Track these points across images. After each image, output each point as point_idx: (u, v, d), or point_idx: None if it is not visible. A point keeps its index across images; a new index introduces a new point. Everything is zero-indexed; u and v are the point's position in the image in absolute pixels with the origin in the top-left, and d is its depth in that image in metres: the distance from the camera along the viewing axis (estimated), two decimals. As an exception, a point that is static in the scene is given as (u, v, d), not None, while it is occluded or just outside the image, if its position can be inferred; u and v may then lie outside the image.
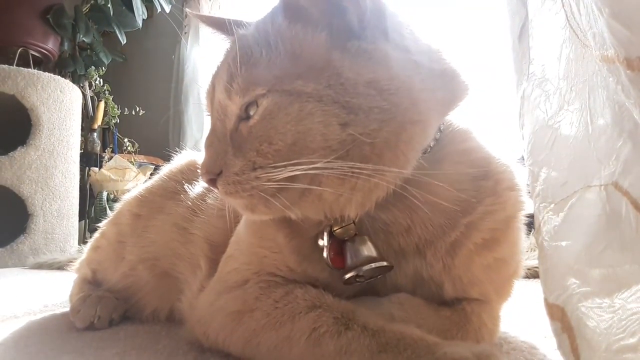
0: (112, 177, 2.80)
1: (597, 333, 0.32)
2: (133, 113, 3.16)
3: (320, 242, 0.56)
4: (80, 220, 2.63)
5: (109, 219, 0.98)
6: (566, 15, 0.50)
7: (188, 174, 0.92)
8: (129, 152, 3.12)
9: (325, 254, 0.55)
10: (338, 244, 0.55)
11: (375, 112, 0.48)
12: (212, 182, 0.54)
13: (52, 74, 2.35)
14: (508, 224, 0.57)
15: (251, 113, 0.52)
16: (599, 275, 0.35)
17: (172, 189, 0.90)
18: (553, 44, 0.53)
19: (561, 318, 0.37)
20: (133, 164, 2.95)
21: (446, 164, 0.55)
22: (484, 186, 0.56)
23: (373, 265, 0.53)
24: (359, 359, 0.46)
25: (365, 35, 0.51)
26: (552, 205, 0.44)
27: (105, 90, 2.99)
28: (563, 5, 0.51)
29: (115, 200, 2.96)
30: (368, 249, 0.53)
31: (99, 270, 0.94)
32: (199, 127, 3.94)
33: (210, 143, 0.55)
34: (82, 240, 2.64)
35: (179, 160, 0.99)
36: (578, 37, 0.47)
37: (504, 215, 0.56)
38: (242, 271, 0.62)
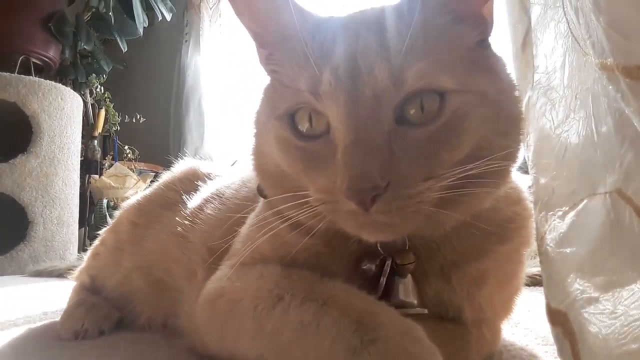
0: (113, 184, 2.80)
1: (600, 339, 0.32)
2: (134, 120, 3.17)
3: (368, 266, 0.52)
4: (80, 227, 2.63)
5: (108, 226, 0.98)
6: (568, 23, 0.50)
7: (187, 183, 0.92)
8: (129, 160, 3.12)
9: (381, 286, 0.51)
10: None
11: (514, 120, 0.50)
12: (373, 198, 0.42)
13: (53, 82, 2.36)
14: (526, 252, 0.58)
15: (411, 111, 0.44)
16: (602, 281, 0.35)
17: (170, 199, 0.90)
18: (556, 52, 0.54)
19: (563, 323, 0.37)
20: (133, 171, 2.95)
21: None
22: (518, 212, 0.55)
23: (412, 311, 0.50)
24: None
25: (490, 44, 0.53)
26: (560, 213, 0.44)
27: (106, 97, 3.00)
28: (565, 14, 0.51)
29: (115, 207, 2.96)
30: (410, 295, 0.52)
31: (98, 277, 0.94)
32: (200, 134, 3.95)
33: (366, 149, 0.43)
34: (82, 248, 2.64)
35: (178, 169, 0.99)
36: (579, 45, 0.48)
37: (529, 245, 0.56)
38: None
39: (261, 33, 0.56)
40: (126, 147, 3.14)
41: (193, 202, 0.85)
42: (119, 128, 3.09)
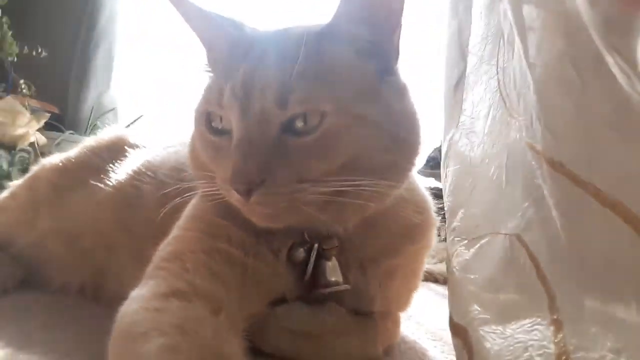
0: (1, 119, 2.53)
1: (491, 354, 0.41)
2: (34, 53, 2.87)
3: (299, 254, 0.59)
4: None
5: (21, 181, 0.93)
6: (498, 83, 0.59)
7: (115, 152, 0.91)
8: (24, 95, 2.84)
9: (309, 269, 0.59)
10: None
11: (406, 143, 0.56)
12: (248, 191, 0.50)
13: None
14: (427, 255, 0.68)
15: (298, 125, 0.51)
16: (496, 307, 0.45)
17: (96, 166, 0.88)
18: (483, 103, 0.63)
19: (464, 337, 0.47)
20: (26, 109, 2.69)
21: (406, 193, 0.62)
22: (423, 220, 0.66)
23: (338, 287, 0.59)
24: None
25: (395, 72, 0.59)
26: (465, 242, 0.54)
27: (4, 22, 2.68)
28: (497, 74, 0.60)
29: (1, 145, 2.68)
30: (337, 274, 0.60)
31: (3, 232, 0.89)
32: (106, 79, 3.69)
33: (248, 151, 0.51)
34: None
35: (105, 136, 0.97)
36: (506, 106, 0.57)
37: (430, 249, 0.67)
38: (161, 253, 0.60)
39: (205, 42, 0.64)
40: (22, 82, 2.84)
41: (121, 176, 0.85)
42: (15, 59, 2.78)
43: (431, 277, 1.51)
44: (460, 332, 0.48)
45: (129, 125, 2.76)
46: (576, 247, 0.37)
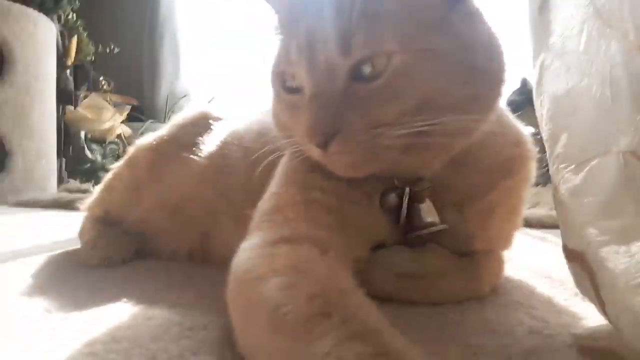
0: (89, 116, 2.74)
1: (616, 273, 0.39)
2: (107, 51, 3.05)
3: (392, 199, 0.60)
4: (57, 159, 2.60)
5: (122, 161, 1.01)
6: (592, -5, 0.55)
7: (201, 126, 0.96)
8: (105, 91, 3.04)
9: (403, 213, 0.59)
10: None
11: (487, 72, 0.54)
12: (325, 143, 0.50)
13: (24, 6, 2.23)
14: (527, 189, 0.65)
15: (366, 70, 0.51)
16: (616, 226, 0.42)
17: (186, 141, 0.94)
18: (574, 20, 0.58)
19: (581, 260, 0.45)
20: (109, 104, 2.88)
21: (497, 128, 0.60)
22: (519, 153, 0.64)
23: (435, 228, 0.59)
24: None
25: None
26: (573, 167, 0.51)
27: (79, 25, 2.86)
28: (589, -16, 0.56)
29: (92, 140, 2.91)
30: (433, 214, 0.59)
31: (113, 210, 0.98)
32: (175, 68, 3.84)
33: (319, 104, 0.51)
34: (60, 180, 2.61)
35: (189, 114, 1.02)
36: (602, 17, 0.52)
37: (530, 182, 0.65)
38: (261, 209, 0.62)
39: (272, 5, 0.64)
40: (101, 79, 3.04)
41: (211, 145, 0.90)
42: (93, 58, 2.97)
43: (526, 223, 1.46)
44: (577, 257, 0.46)
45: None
46: None
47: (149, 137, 1.00)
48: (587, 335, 0.50)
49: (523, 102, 1.98)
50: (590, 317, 0.55)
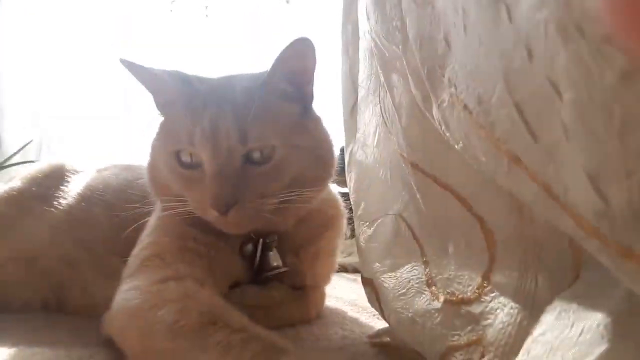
0: None
1: (389, 290, 0.64)
2: None
3: (249, 249, 0.78)
4: None
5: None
6: (381, 109, 0.83)
7: (55, 178, 1.03)
8: None
9: (257, 259, 0.78)
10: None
11: (325, 160, 0.78)
12: (225, 211, 0.67)
13: None
14: (340, 239, 0.91)
15: (255, 156, 0.71)
16: (389, 261, 0.68)
17: (40, 193, 0.99)
18: (371, 123, 0.86)
19: (370, 284, 0.69)
20: None
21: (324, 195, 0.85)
22: (336, 213, 0.89)
23: (279, 270, 0.79)
24: (214, 353, 0.50)
25: (312, 109, 0.81)
26: (367, 223, 0.76)
27: None
28: (379, 103, 0.84)
29: None
30: (278, 260, 0.80)
31: None
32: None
33: (222, 179, 0.68)
34: None
35: (40, 166, 1.08)
36: (387, 126, 0.81)
37: (342, 234, 0.89)
38: (140, 256, 0.74)
39: (155, 93, 0.81)
40: None
41: (69, 197, 0.97)
42: None
43: (342, 268, 1.78)
44: (368, 282, 0.71)
45: (16, 152, 2.67)
46: (431, 214, 0.61)
47: (-4, 189, 1.02)
48: (375, 334, 0.75)
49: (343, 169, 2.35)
50: (380, 326, 0.80)
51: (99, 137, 2.80)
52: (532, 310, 0.47)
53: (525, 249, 0.51)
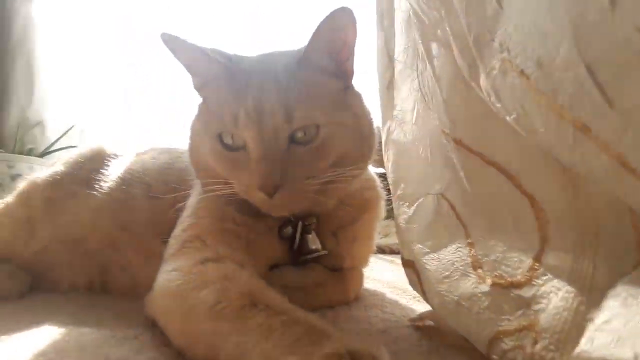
0: None
1: (431, 272, 0.62)
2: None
3: (288, 231, 0.77)
4: None
5: (13, 198, 1.02)
6: (419, 84, 0.80)
7: (96, 162, 1.04)
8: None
9: (296, 241, 0.77)
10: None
11: (367, 138, 0.75)
12: (273, 194, 0.65)
13: None
14: (378, 222, 0.88)
15: (299, 135, 0.68)
16: (431, 242, 0.65)
17: (82, 177, 1.01)
18: (409, 99, 0.83)
19: (412, 266, 0.67)
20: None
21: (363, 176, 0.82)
22: (374, 195, 0.87)
23: (318, 253, 0.78)
24: (255, 335, 0.49)
25: (352, 85, 0.77)
26: (407, 204, 0.74)
27: None
28: (417, 77, 0.81)
29: None
30: (316, 243, 0.78)
31: (2, 248, 0.99)
32: (28, 93, 3.59)
33: (268, 161, 0.66)
34: None
35: (85, 150, 1.09)
36: (426, 101, 0.77)
37: (380, 218, 0.87)
38: (181, 237, 0.74)
39: (195, 72, 0.78)
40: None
41: (110, 181, 0.98)
42: None
43: (380, 250, 1.76)
44: (409, 264, 0.68)
45: (60, 138, 2.75)
46: (476, 193, 0.58)
47: (42, 173, 1.04)
48: (417, 317, 0.73)
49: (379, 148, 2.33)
50: (422, 309, 0.78)
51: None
52: (590, 295, 0.44)
53: (580, 229, 0.47)
